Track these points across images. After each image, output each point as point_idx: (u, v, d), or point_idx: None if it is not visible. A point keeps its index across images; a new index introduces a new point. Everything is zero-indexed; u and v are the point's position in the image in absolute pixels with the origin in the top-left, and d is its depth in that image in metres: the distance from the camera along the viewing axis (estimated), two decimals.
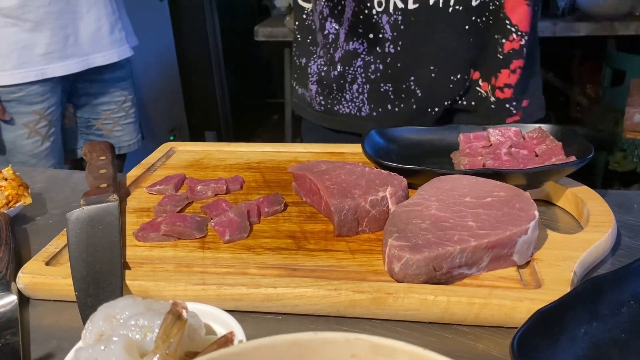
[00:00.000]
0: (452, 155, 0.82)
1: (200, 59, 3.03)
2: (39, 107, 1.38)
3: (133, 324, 0.40)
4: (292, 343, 0.31)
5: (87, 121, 1.57)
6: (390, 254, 0.55)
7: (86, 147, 0.87)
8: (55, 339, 0.53)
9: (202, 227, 0.67)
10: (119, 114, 1.60)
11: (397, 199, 0.66)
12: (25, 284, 0.59)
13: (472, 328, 0.52)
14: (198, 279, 0.57)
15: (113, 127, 1.60)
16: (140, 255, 0.63)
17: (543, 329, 0.44)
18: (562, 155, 0.73)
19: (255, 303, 0.55)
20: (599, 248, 0.61)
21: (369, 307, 0.53)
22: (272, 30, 2.65)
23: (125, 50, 1.56)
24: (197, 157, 0.93)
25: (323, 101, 1.07)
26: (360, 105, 1.02)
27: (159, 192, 0.79)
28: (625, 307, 0.49)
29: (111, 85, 1.56)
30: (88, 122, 1.57)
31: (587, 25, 2.39)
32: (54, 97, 1.42)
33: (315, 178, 0.70)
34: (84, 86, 1.52)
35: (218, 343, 0.39)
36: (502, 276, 0.57)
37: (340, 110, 1.05)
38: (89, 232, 0.64)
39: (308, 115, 1.13)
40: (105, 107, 1.58)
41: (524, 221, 0.57)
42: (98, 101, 1.56)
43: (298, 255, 0.62)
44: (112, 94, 1.57)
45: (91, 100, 1.55)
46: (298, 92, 1.15)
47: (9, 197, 0.75)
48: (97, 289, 0.55)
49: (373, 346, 0.30)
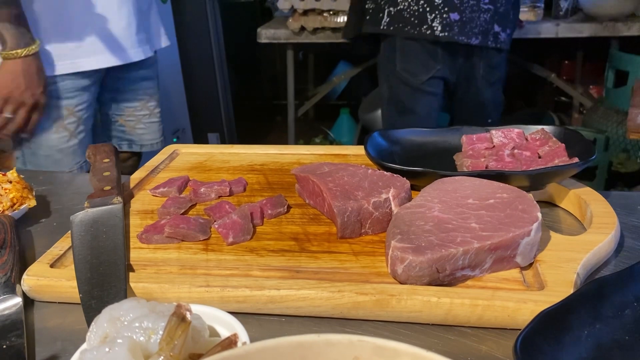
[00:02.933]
0: (455, 157, 0.82)
1: (203, 61, 3.03)
2: (69, 102, 1.39)
3: (137, 326, 0.40)
4: (295, 345, 0.31)
5: (110, 117, 1.58)
6: (393, 255, 0.55)
7: (90, 149, 0.87)
8: (60, 341, 0.53)
9: (205, 229, 0.67)
10: (142, 112, 1.61)
11: (400, 200, 0.66)
12: (30, 286, 0.59)
13: (475, 330, 0.52)
14: (202, 281, 0.57)
15: (136, 125, 1.61)
16: (144, 258, 0.64)
17: (546, 331, 0.44)
18: (565, 156, 0.73)
19: (258, 305, 0.55)
20: (602, 250, 0.61)
21: (372, 309, 0.53)
22: (275, 32, 2.65)
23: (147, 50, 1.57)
24: (201, 159, 0.93)
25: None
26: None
27: (163, 194, 0.79)
28: (629, 309, 0.49)
29: (136, 83, 1.57)
30: (111, 118, 1.58)
31: (590, 26, 2.39)
32: (85, 94, 1.43)
33: (318, 180, 0.70)
34: (110, 83, 1.52)
35: (222, 345, 0.40)
36: (505, 278, 0.57)
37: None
38: (93, 234, 0.64)
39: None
40: (129, 104, 1.58)
41: (527, 223, 0.57)
42: (122, 97, 1.57)
43: (301, 257, 0.62)
44: (137, 92, 1.58)
45: (116, 97, 1.56)
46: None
47: (13, 199, 0.75)
48: (102, 291, 0.55)
49: (376, 348, 0.30)
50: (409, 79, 1.79)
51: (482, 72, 1.82)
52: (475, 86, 1.86)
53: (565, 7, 2.51)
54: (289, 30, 2.58)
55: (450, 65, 1.79)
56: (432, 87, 1.82)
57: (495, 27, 1.73)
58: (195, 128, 3.17)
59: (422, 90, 1.81)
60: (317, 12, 2.51)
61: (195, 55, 3.04)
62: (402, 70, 1.79)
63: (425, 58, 1.76)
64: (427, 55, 1.75)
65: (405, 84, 1.82)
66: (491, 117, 1.96)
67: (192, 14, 2.98)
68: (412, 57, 1.77)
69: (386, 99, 1.94)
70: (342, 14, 2.48)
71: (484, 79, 1.85)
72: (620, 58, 2.42)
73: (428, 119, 1.88)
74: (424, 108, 1.86)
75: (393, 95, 1.89)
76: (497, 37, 1.74)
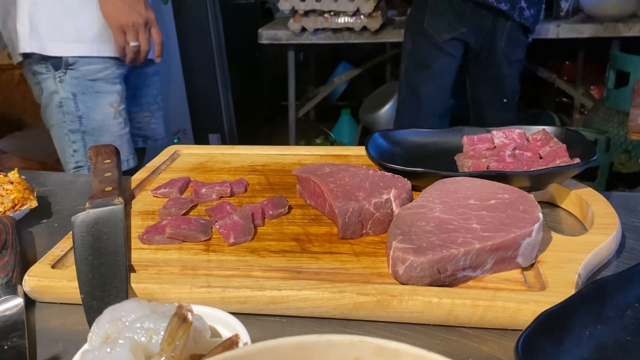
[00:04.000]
0: (456, 157, 0.82)
1: (204, 61, 3.03)
2: (119, 87, 1.40)
3: (139, 326, 0.40)
4: (296, 346, 0.31)
5: (130, 114, 1.57)
6: (394, 256, 0.55)
7: (91, 150, 0.87)
8: (62, 342, 0.53)
9: (206, 229, 0.67)
10: (154, 106, 1.62)
11: (401, 201, 0.66)
12: (32, 287, 0.59)
13: (476, 330, 0.52)
14: (203, 281, 0.57)
15: (150, 120, 1.61)
16: (146, 258, 0.64)
17: (548, 332, 0.44)
18: (566, 157, 0.73)
19: (260, 305, 0.55)
20: (603, 250, 0.60)
21: (373, 310, 0.53)
22: (276, 33, 2.66)
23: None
24: (202, 160, 0.93)
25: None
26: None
27: (164, 195, 0.79)
28: (630, 310, 0.49)
29: (150, 77, 1.57)
30: (131, 115, 1.57)
31: (591, 27, 2.39)
32: (123, 83, 1.44)
33: (320, 181, 0.70)
34: (130, 77, 1.52)
35: (223, 346, 0.40)
36: (506, 278, 0.57)
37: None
38: (95, 235, 0.64)
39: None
40: (145, 100, 1.59)
41: (528, 223, 0.57)
42: (141, 93, 1.57)
43: (302, 257, 0.62)
44: (150, 86, 1.59)
45: (135, 93, 1.56)
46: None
47: (14, 200, 0.75)
48: (103, 292, 0.55)
49: (377, 349, 0.30)
50: (434, 35, 1.94)
51: (503, 46, 1.94)
52: (495, 57, 1.99)
53: (566, 8, 2.51)
54: (290, 31, 2.58)
55: (474, 30, 1.93)
56: (452, 48, 1.97)
57: (522, 2, 1.86)
58: (196, 129, 3.17)
59: (442, 49, 1.96)
60: (318, 13, 2.51)
61: (196, 56, 3.04)
62: (428, 25, 1.94)
63: (452, 18, 1.91)
64: (454, 15, 1.90)
65: (428, 39, 1.96)
66: (507, 98, 2.08)
67: (193, 14, 2.98)
68: (440, 14, 1.92)
69: (407, 53, 2.09)
70: (343, 14, 2.48)
71: (504, 53, 1.96)
72: (621, 58, 2.42)
73: (443, 78, 2.04)
74: (441, 65, 2.01)
75: (415, 49, 2.04)
76: (522, 12, 1.87)
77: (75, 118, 1.37)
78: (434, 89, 2.07)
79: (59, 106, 1.37)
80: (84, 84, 1.35)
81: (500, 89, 2.08)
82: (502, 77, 2.05)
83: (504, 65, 2.01)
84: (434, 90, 2.07)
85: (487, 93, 2.11)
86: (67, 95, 1.37)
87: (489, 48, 1.98)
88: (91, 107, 1.38)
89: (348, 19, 2.49)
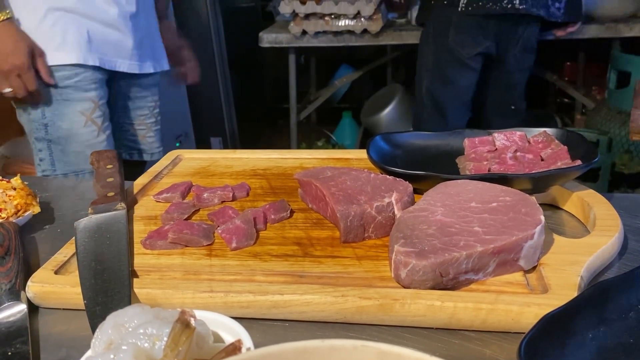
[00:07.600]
0: (458, 160, 0.82)
1: (205, 65, 3.03)
2: (93, 94, 1.37)
3: (142, 332, 0.40)
4: (299, 350, 0.31)
5: (121, 125, 1.56)
6: (396, 260, 0.55)
7: (93, 155, 0.88)
8: (65, 348, 0.53)
9: (209, 234, 0.67)
10: (150, 119, 1.60)
11: (402, 204, 0.66)
12: (35, 293, 0.59)
13: (479, 334, 0.52)
14: (205, 286, 0.57)
15: (146, 134, 1.60)
16: (148, 263, 0.64)
17: (550, 334, 0.44)
18: (568, 159, 0.73)
19: (262, 310, 0.55)
20: (605, 252, 0.60)
21: (375, 314, 0.53)
22: (277, 36, 2.66)
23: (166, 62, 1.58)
24: (204, 164, 0.93)
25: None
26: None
27: (166, 200, 0.80)
28: (633, 312, 0.49)
29: (146, 89, 1.56)
30: (122, 126, 1.56)
31: (592, 28, 2.39)
32: (103, 88, 1.41)
33: (321, 184, 0.70)
34: (121, 87, 1.50)
35: (226, 351, 0.40)
36: (508, 281, 0.57)
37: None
38: (97, 240, 0.64)
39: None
40: (140, 112, 1.57)
41: (530, 226, 0.57)
42: (133, 105, 1.56)
43: (305, 261, 0.62)
44: (146, 99, 1.57)
45: (127, 104, 1.55)
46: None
47: (17, 206, 0.76)
48: (106, 297, 0.55)
49: (380, 353, 0.30)
50: (460, 52, 1.98)
51: (516, 52, 2.00)
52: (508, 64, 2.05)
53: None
54: (291, 34, 2.59)
55: (496, 41, 1.98)
56: (475, 63, 2.02)
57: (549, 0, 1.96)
58: (198, 133, 3.18)
59: (467, 64, 2.01)
60: (318, 15, 2.51)
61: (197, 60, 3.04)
62: (454, 42, 1.97)
63: (478, 33, 1.95)
64: (479, 30, 1.95)
65: (453, 55, 2.00)
66: (515, 104, 2.14)
67: (194, 18, 2.99)
68: (466, 31, 1.96)
69: (427, 68, 2.12)
70: (344, 17, 2.49)
71: (516, 60, 2.03)
72: (623, 59, 2.42)
73: (467, 94, 2.09)
74: (467, 81, 2.06)
75: (438, 64, 2.08)
76: (548, 9, 1.97)
77: (40, 126, 1.34)
78: (458, 103, 2.11)
79: (27, 114, 1.36)
80: (51, 91, 1.33)
81: (509, 96, 2.12)
82: (513, 84, 2.09)
83: (516, 73, 2.06)
84: (458, 104, 2.11)
85: (497, 99, 2.15)
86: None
87: (503, 56, 2.01)
88: (58, 115, 1.35)
89: (349, 21, 2.49)
